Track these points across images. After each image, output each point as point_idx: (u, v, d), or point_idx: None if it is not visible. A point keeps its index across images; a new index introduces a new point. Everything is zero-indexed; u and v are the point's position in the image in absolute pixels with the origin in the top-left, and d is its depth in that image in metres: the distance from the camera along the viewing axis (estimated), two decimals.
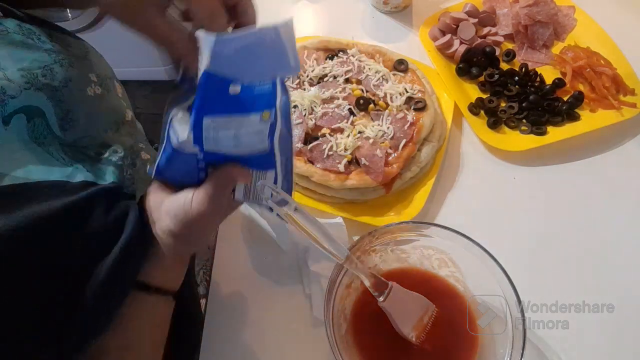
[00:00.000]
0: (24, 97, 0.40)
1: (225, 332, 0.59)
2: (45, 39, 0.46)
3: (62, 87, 0.44)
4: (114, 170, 0.47)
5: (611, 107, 0.72)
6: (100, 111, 0.49)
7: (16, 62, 0.41)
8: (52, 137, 0.42)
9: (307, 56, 0.72)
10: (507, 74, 0.77)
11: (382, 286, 0.53)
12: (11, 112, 0.39)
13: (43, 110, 0.42)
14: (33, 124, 0.41)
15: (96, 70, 0.50)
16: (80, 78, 0.47)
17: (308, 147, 0.64)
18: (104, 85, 0.50)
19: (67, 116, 0.44)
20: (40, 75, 0.42)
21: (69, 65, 0.46)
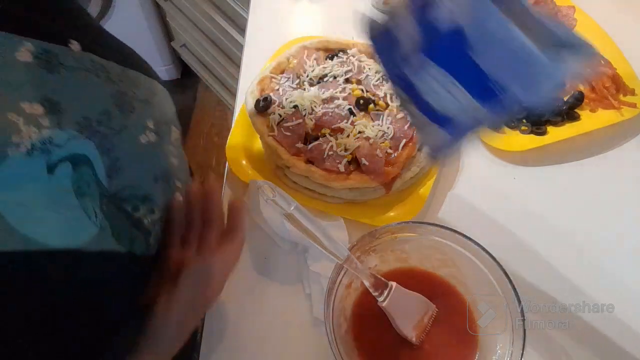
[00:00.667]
0: (72, 146, 0.38)
1: (225, 332, 0.59)
2: (116, 78, 0.43)
3: (114, 135, 0.41)
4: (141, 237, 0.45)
5: (611, 107, 0.72)
6: (149, 160, 0.46)
7: (76, 104, 0.39)
8: (96, 187, 0.40)
9: (307, 56, 0.72)
10: None
11: (382, 286, 0.53)
12: (56, 160, 0.37)
13: (90, 158, 0.39)
14: (80, 173, 0.38)
15: (156, 115, 0.47)
16: (136, 124, 0.45)
17: (308, 147, 0.64)
18: (160, 131, 0.47)
19: (114, 164, 0.41)
20: (96, 122, 0.40)
21: (130, 110, 0.43)
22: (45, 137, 0.35)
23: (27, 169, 0.35)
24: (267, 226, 0.62)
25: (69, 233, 0.37)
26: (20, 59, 0.35)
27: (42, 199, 0.36)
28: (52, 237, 0.35)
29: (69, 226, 0.37)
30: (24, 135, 0.34)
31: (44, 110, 0.36)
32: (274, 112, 0.67)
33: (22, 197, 0.34)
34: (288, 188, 0.66)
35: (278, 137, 0.65)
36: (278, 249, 0.63)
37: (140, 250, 0.44)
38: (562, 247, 0.64)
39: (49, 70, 0.37)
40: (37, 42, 0.37)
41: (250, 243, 0.65)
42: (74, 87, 0.39)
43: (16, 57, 0.35)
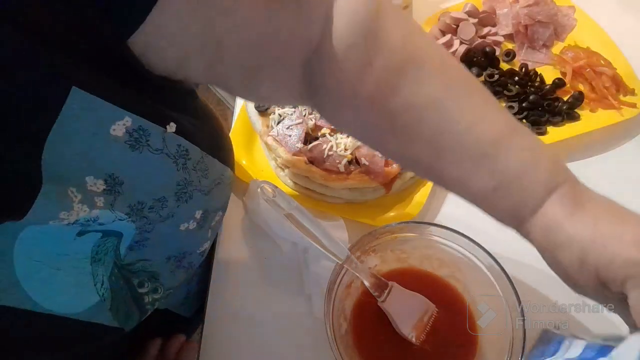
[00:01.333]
0: (114, 225, 0.36)
1: (224, 332, 0.59)
2: (191, 166, 0.40)
3: (159, 221, 0.39)
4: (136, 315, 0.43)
5: (611, 107, 0.72)
6: (175, 244, 0.45)
7: (138, 187, 0.36)
8: (112, 257, 0.38)
9: None
10: (507, 74, 0.77)
11: (382, 286, 0.53)
12: (90, 230, 0.35)
13: (123, 235, 0.38)
14: (104, 241, 0.37)
15: (208, 206, 0.45)
16: (185, 214, 0.42)
17: (308, 147, 0.64)
18: (202, 220, 0.45)
19: (142, 242, 0.40)
20: (148, 208, 0.37)
21: (185, 200, 0.41)
22: (93, 216, 0.33)
23: (60, 234, 0.33)
24: (267, 226, 0.62)
25: (71, 300, 0.36)
26: (112, 133, 0.32)
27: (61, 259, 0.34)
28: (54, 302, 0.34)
29: (73, 292, 0.36)
30: (72, 213, 0.32)
31: (105, 188, 0.33)
32: (274, 112, 0.67)
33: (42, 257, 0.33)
34: (288, 188, 0.66)
35: (278, 137, 0.65)
36: (278, 249, 0.63)
37: (130, 328, 0.43)
38: None
39: (132, 148, 0.34)
40: (138, 118, 0.34)
41: (250, 243, 0.65)
42: (146, 170, 0.36)
43: (110, 131, 0.32)
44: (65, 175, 0.31)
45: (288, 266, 0.63)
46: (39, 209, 0.29)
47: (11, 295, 0.31)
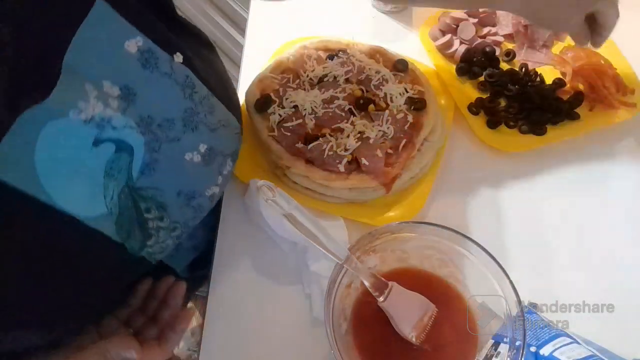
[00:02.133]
0: (125, 133, 0.40)
1: (225, 332, 0.59)
2: (197, 99, 0.46)
3: (166, 142, 0.43)
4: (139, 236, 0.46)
5: (611, 107, 0.72)
6: (183, 176, 0.48)
7: (149, 102, 0.41)
8: (124, 175, 0.42)
9: (307, 56, 0.72)
10: (507, 74, 0.77)
11: (382, 286, 0.53)
12: (104, 138, 0.39)
13: (134, 150, 0.41)
14: (118, 156, 0.40)
15: (213, 144, 0.49)
16: (190, 143, 0.47)
17: (308, 147, 0.64)
18: (209, 158, 0.49)
19: (151, 165, 0.43)
20: (157, 124, 0.42)
21: (192, 129, 0.46)
22: (107, 115, 0.38)
23: (78, 134, 0.37)
24: (267, 226, 0.62)
25: (83, 202, 0.39)
26: (126, 49, 0.38)
27: (79, 164, 0.38)
28: (65, 200, 0.37)
29: (85, 198, 0.39)
30: (90, 105, 0.36)
31: (119, 94, 0.39)
32: (274, 112, 0.67)
33: (62, 156, 0.36)
34: (288, 188, 0.66)
35: (278, 137, 0.65)
36: (278, 249, 0.63)
37: (132, 248, 0.45)
38: (562, 246, 0.64)
39: (144, 67, 0.40)
40: (149, 41, 0.40)
41: (251, 243, 0.65)
42: (156, 89, 0.42)
43: (124, 46, 0.38)
44: (83, 74, 0.35)
45: (288, 266, 0.63)
46: (60, 94, 0.33)
47: (29, 184, 0.34)
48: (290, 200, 0.55)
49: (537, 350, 0.50)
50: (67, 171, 0.37)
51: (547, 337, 0.51)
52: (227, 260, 0.64)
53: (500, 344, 0.50)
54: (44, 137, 0.34)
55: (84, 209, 0.39)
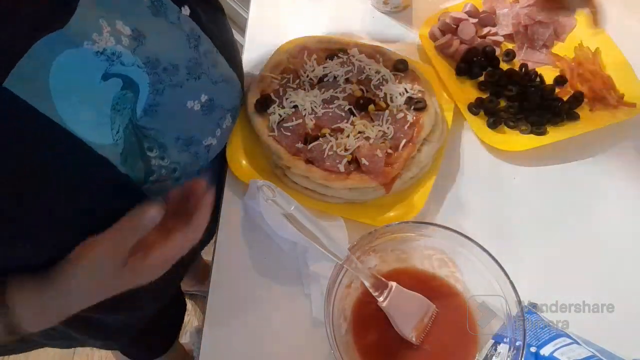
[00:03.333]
0: (132, 70, 0.44)
1: (224, 332, 0.59)
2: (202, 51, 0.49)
3: (170, 86, 0.47)
4: (142, 169, 0.48)
5: (611, 107, 0.72)
6: (184, 122, 0.51)
7: (157, 46, 0.45)
8: (129, 112, 0.45)
9: (307, 56, 0.72)
10: (507, 74, 0.77)
11: (382, 286, 0.53)
12: (113, 73, 0.42)
13: (139, 88, 0.45)
14: (124, 93, 0.44)
15: (214, 96, 0.52)
16: (192, 90, 0.50)
17: (308, 147, 0.64)
18: (209, 110, 0.52)
19: (154, 106, 0.47)
20: (162, 68, 0.46)
21: (195, 78, 0.49)
22: (117, 51, 0.42)
23: (90, 65, 0.40)
24: (267, 226, 0.62)
25: (92, 129, 0.42)
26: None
27: (89, 94, 0.41)
28: (77, 124, 0.40)
29: (93, 125, 0.42)
30: (102, 39, 0.40)
31: (131, 34, 0.42)
32: (274, 112, 0.67)
33: (74, 83, 0.40)
34: (288, 188, 0.66)
35: (278, 137, 0.65)
36: (278, 249, 0.63)
37: (135, 178, 0.48)
38: (562, 246, 0.64)
39: (154, 14, 0.45)
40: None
41: (250, 243, 0.65)
42: (164, 35, 0.46)
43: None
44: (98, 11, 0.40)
45: (288, 266, 0.63)
46: (76, 24, 0.38)
47: (45, 105, 0.38)
48: (290, 200, 0.55)
49: (537, 351, 0.50)
50: (78, 99, 0.40)
51: (547, 337, 0.51)
52: (227, 260, 0.64)
53: (500, 344, 0.50)
54: (59, 64, 0.38)
55: (92, 136, 0.42)
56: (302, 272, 0.62)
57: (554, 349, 0.50)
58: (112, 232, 0.43)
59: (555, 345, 0.50)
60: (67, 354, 1.49)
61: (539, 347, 0.51)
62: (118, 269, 0.43)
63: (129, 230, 0.43)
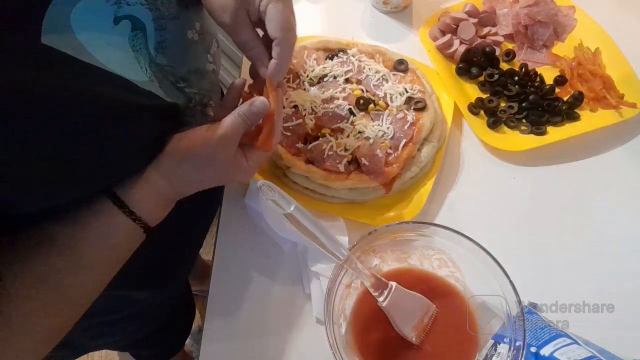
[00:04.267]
0: (136, 9, 0.46)
1: (225, 332, 0.59)
2: None
3: (169, 19, 0.49)
4: (183, 97, 0.52)
5: (611, 107, 0.72)
6: (190, 54, 0.54)
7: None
8: (146, 51, 0.47)
9: (307, 56, 0.72)
10: (507, 74, 0.77)
11: (382, 286, 0.53)
12: (121, 15, 0.44)
13: (145, 27, 0.47)
14: (135, 34, 0.46)
15: (203, 22, 0.56)
16: (187, 20, 0.52)
17: (308, 147, 0.64)
18: (203, 37, 0.55)
19: (162, 43, 0.49)
20: (160, 2, 0.48)
21: (184, 7, 0.52)
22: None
23: (102, 12, 0.43)
24: (267, 226, 0.62)
25: (128, 69, 0.45)
26: None
27: (109, 37, 0.43)
28: (115, 65, 0.43)
29: (129, 64, 0.45)
30: None
31: None
32: None
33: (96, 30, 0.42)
34: (288, 188, 0.66)
35: None
36: (278, 249, 0.63)
37: (184, 105, 0.52)
38: (562, 246, 0.64)
39: None
40: None
41: (250, 243, 0.65)
42: None
43: None
44: None
45: (288, 266, 0.63)
46: None
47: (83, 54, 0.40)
48: (290, 200, 0.55)
49: (537, 351, 0.50)
50: (104, 43, 0.43)
51: (547, 338, 0.51)
52: (227, 260, 0.64)
53: (500, 344, 0.50)
54: (76, 17, 0.40)
55: (131, 74, 0.45)
56: (302, 272, 0.62)
57: (554, 349, 0.50)
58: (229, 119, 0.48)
59: (555, 345, 0.50)
60: None
61: (539, 347, 0.51)
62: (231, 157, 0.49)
63: (242, 117, 0.48)
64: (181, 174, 0.49)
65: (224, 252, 0.64)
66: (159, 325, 0.90)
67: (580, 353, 0.49)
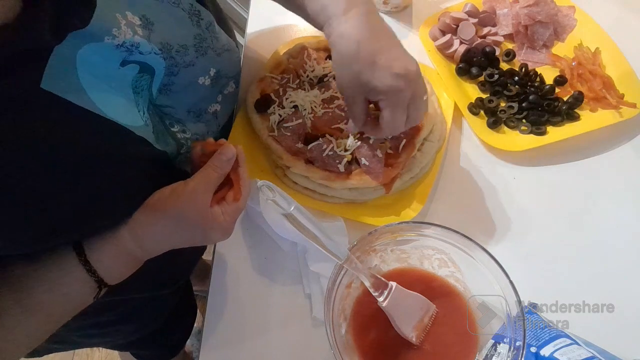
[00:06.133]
0: (149, 57, 0.46)
1: (225, 332, 0.59)
2: (203, 26, 0.52)
3: (183, 66, 0.50)
4: (173, 144, 0.52)
5: (611, 107, 0.72)
6: (195, 98, 0.55)
7: (165, 30, 0.47)
8: (147, 93, 0.48)
9: (307, 56, 0.72)
10: (507, 74, 0.77)
11: (382, 286, 0.53)
12: (131, 60, 0.45)
13: (155, 71, 0.48)
14: (141, 76, 0.47)
15: (220, 67, 0.56)
16: (201, 67, 0.53)
17: (308, 147, 0.64)
18: (215, 81, 0.56)
19: (168, 86, 0.50)
20: (175, 51, 0.49)
21: (202, 54, 0.52)
22: (135, 42, 0.44)
23: (110, 56, 0.43)
24: (267, 226, 0.62)
25: (125, 114, 0.45)
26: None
27: (112, 80, 0.43)
28: (113, 111, 0.43)
29: (126, 109, 0.45)
30: (121, 32, 0.42)
31: (141, 23, 0.45)
32: (274, 112, 0.67)
33: (100, 72, 0.42)
34: (288, 188, 0.66)
35: (278, 137, 0.65)
36: (278, 249, 0.63)
37: (172, 154, 0.52)
38: (562, 246, 0.64)
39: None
40: None
41: (250, 243, 0.65)
42: (168, 17, 0.48)
43: None
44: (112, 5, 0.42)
45: (288, 266, 0.63)
46: (97, 23, 0.40)
47: (82, 99, 0.40)
48: (290, 200, 0.55)
49: (537, 351, 0.50)
50: (106, 87, 0.42)
51: (547, 338, 0.51)
52: (227, 260, 0.64)
53: (500, 344, 0.50)
54: (82, 58, 0.40)
55: (127, 119, 0.45)
56: (302, 272, 0.62)
57: (554, 349, 0.50)
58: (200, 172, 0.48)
59: (555, 345, 0.50)
60: (67, 354, 1.49)
61: (539, 347, 0.51)
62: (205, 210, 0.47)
63: (212, 167, 0.48)
64: (152, 231, 0.47)
65: (224, 252, 0.64)
66: (160, 326, 0.90)
67: (580, 353, 0.49)
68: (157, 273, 0.53)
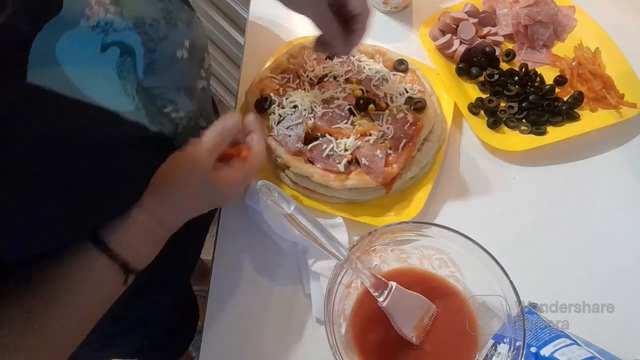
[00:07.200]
0: (125, 35, 0.45)
1: (225, 332, 0.59)
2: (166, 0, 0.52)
3: (158, 40, 0.49)
4: (169, 125, 0.52)
5: (611, 107, 0.72)
6: (180, 73, 0.54)
7: (134, 5, 0.46)
8: (133, 77, 0.47)
9: (307, 56, 0.72)
10: (507, 74, 0.77)
11: (382, 286, 0.53)
12: (109, 42, 0.44)
13: (135, 51, 0.47)
14: (123, 60, 0.46)
15: (192, 39, 0.56)
16: (175, 39, 0.52)
17: (308, 147, 0.64)
18: (193, 53, 0.56)
19: (152, 65, 0.49)
20: (148, 25, 0.48)
21: (173, 26, 0.52)
22: (109, 20, 0.43)
23: (89, 41, 0.41)
24: (267, 226, 0.62)
25: (114, 99, 0.44)
26: None
27: (96, 67, 0.43)
28: (101, 98, 0.42)
29: (114, 95, 0.44)
30: (94, 12, 0.41)
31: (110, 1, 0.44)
32: (274, 112, 0.67)
33: (83, 61, 0.41)
34: (288, 188, 0.66)
35: (278, 137, 0.65)
36: (278, 249, 0.63)
37: (169, 134, 0.52)
38: (562, 246, 0.64)
39: None
40: None
41: (250, 243, 0.65)
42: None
43: None
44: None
45: (288, 266, 0.63)
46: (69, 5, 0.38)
47: (68, 89, 0.39)
48: (290, 200, 0.55)
49: (537, 351, 0.50)
50: (91, 75, 0.42)
51: (547, 338, 0.51)
52: (227, 260, 0.64)
53: (500, 344, 0.50)
54: (62, 47, 0.39)
55: (117, 105, 0.44)
56: (302, 272, 0.62)
57: (554, 350, 0.50)
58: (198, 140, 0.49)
59: (555, 345, 0.50)
60: None
61: (539, 347, 0.51)
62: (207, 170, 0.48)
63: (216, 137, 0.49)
64: (164, 206, 0.48)
65: (224, 252, 0.64)
66: (164, 330, 0.90)
67: (580, 354, 0.49)
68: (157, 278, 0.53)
